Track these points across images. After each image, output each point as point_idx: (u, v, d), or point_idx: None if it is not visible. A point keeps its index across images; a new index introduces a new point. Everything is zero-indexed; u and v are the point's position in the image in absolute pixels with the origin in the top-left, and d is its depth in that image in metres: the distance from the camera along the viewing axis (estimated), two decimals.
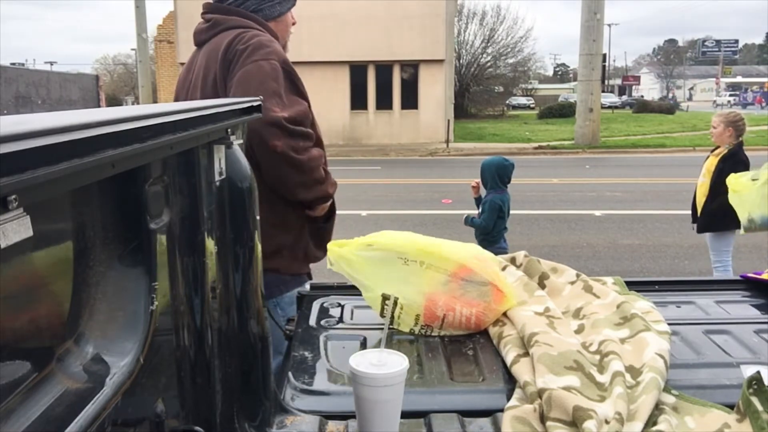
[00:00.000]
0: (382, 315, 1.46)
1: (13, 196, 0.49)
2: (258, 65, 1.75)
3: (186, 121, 0.84)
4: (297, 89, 1.84)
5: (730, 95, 51.49)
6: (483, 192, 4.25)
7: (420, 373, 1.29)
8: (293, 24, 2.04)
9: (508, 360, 1.29)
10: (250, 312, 1.15)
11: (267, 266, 1.77)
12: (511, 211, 4.28)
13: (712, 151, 4.51)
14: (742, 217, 3.36)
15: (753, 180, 3.38)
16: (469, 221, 4.17)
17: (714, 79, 62.61)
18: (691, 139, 20.14)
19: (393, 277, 1.44)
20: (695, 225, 4.56)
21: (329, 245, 1.51)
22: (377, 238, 1.48)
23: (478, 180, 4.23)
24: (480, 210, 4.15)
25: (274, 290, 1.85)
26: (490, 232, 4.10)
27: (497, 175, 4.13)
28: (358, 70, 20.56)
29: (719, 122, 4.41)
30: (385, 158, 17.17)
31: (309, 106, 1.87)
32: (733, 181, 3.51)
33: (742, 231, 3.46)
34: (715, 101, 52.47)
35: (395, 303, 1.44)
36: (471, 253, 1.50)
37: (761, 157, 4.48)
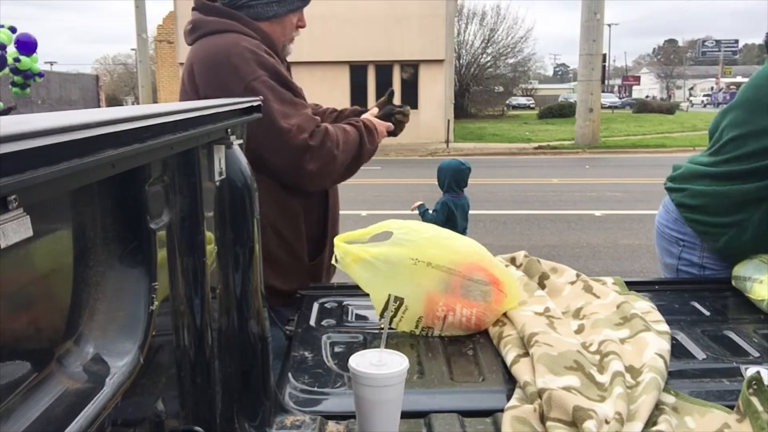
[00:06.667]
0: (381, 315, 1.46)
1: (13, 196, 0.49)
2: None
3: (186, 121, 0.84)
4: (293, 91, 1.72)
5: (704, 95, 54.39)
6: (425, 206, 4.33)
7: (420, 373, 1.29)
8: (300, 27, 1.86)
9: (508, 360, 1.28)
10: (250, 312, 1.15)
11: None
12: (512, 212, 4.31)
13: None
14: None
15: None
16: (422, 210, 4.29)
17: (714, 79, 62.65)
18: (691, 140, 20.11)
19: (400, 277, 1.41)
20: None
21: (336, 240, 1.44)
22: (389, 227, 1.43)
23: (416, 203, 4.37)
24: (434, 207, 4.29)
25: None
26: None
27: (453, 179, 4.23)
28: (358, 70, 20.55)
29: None
30: (385, 158, 17.14)
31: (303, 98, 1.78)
32: None
33: None
34: (690, 101, 56.31)
35: (400, 304, 1.42)
36: (477, 249, 1.47)
37: None
